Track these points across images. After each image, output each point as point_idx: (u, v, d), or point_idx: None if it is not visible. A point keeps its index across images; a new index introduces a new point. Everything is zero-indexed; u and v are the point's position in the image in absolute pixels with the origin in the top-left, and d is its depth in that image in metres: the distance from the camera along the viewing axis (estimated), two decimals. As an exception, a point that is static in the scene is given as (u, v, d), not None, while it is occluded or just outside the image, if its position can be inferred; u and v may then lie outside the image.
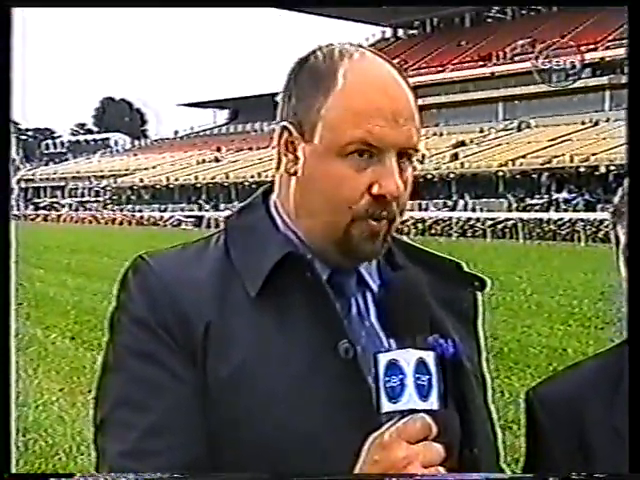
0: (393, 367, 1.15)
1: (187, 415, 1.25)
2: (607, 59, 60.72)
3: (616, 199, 1.47)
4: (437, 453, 1.13)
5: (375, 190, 1.28)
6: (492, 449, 1.43)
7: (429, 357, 1.16)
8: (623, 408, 1.47)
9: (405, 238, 1.50)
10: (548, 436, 1.53)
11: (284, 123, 1.35)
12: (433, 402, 1.14)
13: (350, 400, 1.25)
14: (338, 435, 1.23)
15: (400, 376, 1.14)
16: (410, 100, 1.33)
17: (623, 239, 1.44)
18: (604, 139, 53.60)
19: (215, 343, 1.26)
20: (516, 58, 66.51)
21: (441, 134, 62.74)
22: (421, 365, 1.15)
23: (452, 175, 54.72)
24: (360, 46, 1.38)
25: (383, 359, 1.16)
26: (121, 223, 59.06)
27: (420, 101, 1.37)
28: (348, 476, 1.20)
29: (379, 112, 1.28)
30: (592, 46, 62.62)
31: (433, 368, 1.15)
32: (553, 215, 40.30)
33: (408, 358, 1.15)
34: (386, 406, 1.14)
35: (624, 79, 58.38)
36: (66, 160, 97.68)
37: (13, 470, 1.35)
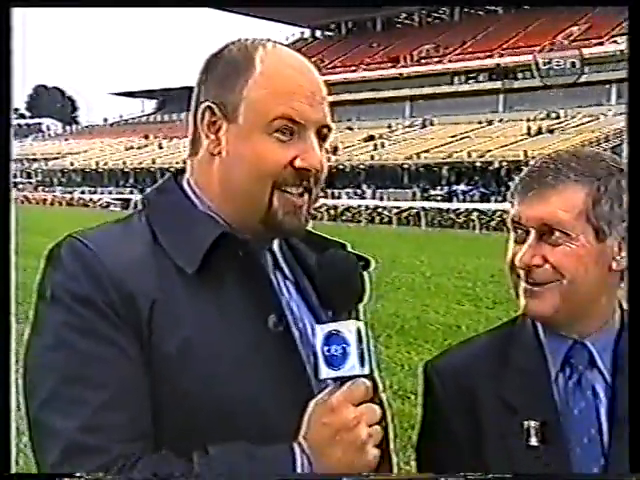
0: (335, 337, 1.17)
1: (137, 389, 1.22)
2: (502, 65, 61.86)
3: (512, 185, 1.49)
4: (377, 413, 1.18)
5: (298, 163, 1.28)
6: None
7: (363, 327, 1.19)
8: (513, 381, 1.50)
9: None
10: (443, 405, 1.55)
11: (207, 103, 1.32)
12: (367, 368, 1.17)
13: (284, 369, 1.26)
14: (275, 400, 1.23)
15: (343, 345, 1.16)
16: (320, 81, 1.35)
17: (511, 213, 1.46)
18: (498, 137, 54.73)
19: (159, 319, 1.23)
20: (422, 61, 67.25)
21: (353, 129, 62.99)
22: (359, 334, 1.17)
23: (362, 166, 55.07)
24: (271, 40, 1.38)
25: (324, 330, 1.18)
26: (52, 204, 57.57)
27: (334, 98, 1.38)
28: (347, 476, 1.20)
29: (299, 90, 1.30)
30: (488, 53, 63.69)
31: (366, 337, 1.18)
32: (452, 205, 40.90)
33: (350, 328, 1.17)
34: (325, 373, 1.16)
35: (516, 84, 59.76)
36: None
37: (13, 470, 1.29)
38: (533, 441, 1.44)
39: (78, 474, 1.16)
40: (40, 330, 1.24)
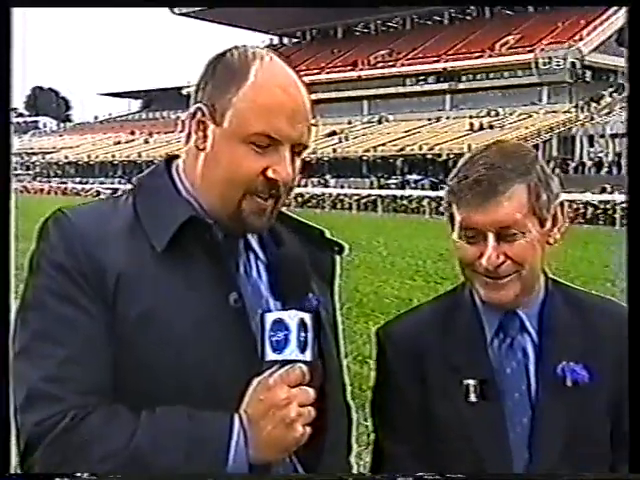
0: (279, 324, 1.16)
1: (98, 349, 1.21)
2: (448, 69, 62.02)
3: (452, 182, 1.48)
4: (310, 396, 1.17)
5: (270, 174, 1.27)
6: (340, 385, 1.44)
7: (308, 318, 1.18)
8: (455, 343, 1.52)
9: (283, 208, 1.46)
10: (393, 366, 1.56)
11: (199, 105, 1.31)
12: (308, 355, 1.17)
13: (238, 342, 1.24)
14: (227, 371, 1.22)
15: (285, 332, 1.16)
16: (305, 102, 1.32)
17: (459, 217, 1.45)
18: (445, 132, 54.92)
19: (125, 290, 1.22)
20: (378, 65, 67.16)
21: (317, 125, 62.77)
22: (302, 324, 1.17)
23: (325, 158, 54.94)
24: (269, 51, 1.34)
25: (270, 317, 1.17)
26: (49, 193, 56.68)
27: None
28: (350, 476, 1.18)
29: (280, 109, 1.27)
30: (436, 58, 63.79)
31: (310, 327, 1.17)
32: (405, 193, 40.95)
33: (292, 317, 1.17)
34: (270, 356, 1.16)
35: (461, 85, 60.00)
36: None
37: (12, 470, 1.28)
38: (472, 397, 1.46)
39: (78, 474, 1.15)
40: (24, 291, 1.26)
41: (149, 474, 1.15)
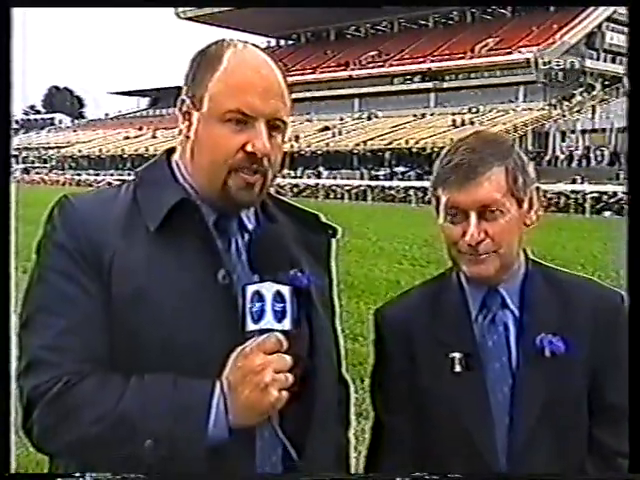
0: (257, 296, 1.15)
1: (94, 322, 1.21)
2: (433, 69, 61.88)
3: (437, 167, 1.49)
4: (286, 362, 1.15)
5: (248, 148, 1.26)
6: (332, 360, 1.42)
7: (285, 290, 1.17)
8: (443, 321, 1.53)
9: (280, 196, 1.47)
10: (388, 345, 1.58)
11: (182, 97, 1.32)
12: (286, 324, 1.16)
13: (225, 317, 1.22)
14: (216, 346, 1.20)
15: (261, 303, 1.15)
16: (280, 82, 1.31)
17: (444, 199, 1.46)
18: (429, 128, 54.83)
19: (119, 267, 1.23)
20: (368, 65, 66.93)
21: (311, 121, 62.63)
22: (278, 295, 1.16)
23: (319, 152, 54.83)
24: (245, 42, 1.34)
25: (249, 289, 1.16)
26: (63, 184, 56.43)
27: (296, 95, 1.35)
28: (349, 476, 1.17)
29: (252, 87, 1.26)
30: (421, 59, 63.63)
31: (288, 298, 1.16)
32: (393, 183, 40.90)
33: (268, 289, 1.16)
34: (250, 326, 1.16)
35: (444, 84, 59.90)
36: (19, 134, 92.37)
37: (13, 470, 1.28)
38: (457, 368, 1.48)
39: (77, 474, 1.14)
40: (32, 270, 1.27)
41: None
